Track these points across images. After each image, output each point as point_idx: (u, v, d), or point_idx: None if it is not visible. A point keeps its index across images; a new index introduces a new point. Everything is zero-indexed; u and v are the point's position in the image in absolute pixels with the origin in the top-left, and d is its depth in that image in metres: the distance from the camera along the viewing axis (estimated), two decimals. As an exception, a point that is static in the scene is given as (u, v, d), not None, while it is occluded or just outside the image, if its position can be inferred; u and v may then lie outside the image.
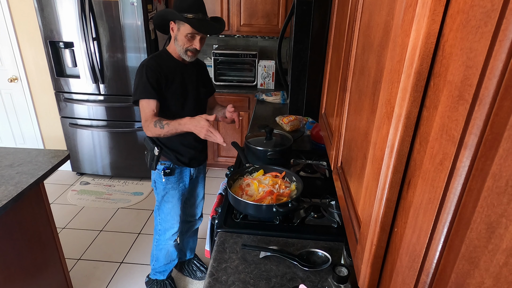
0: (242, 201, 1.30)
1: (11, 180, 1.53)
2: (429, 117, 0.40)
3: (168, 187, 1.83)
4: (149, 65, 1.62)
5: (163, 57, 1.69)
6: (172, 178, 1.81)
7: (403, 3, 0.44)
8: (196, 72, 1.81)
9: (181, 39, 1.60)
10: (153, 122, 1.57)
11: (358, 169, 0.68)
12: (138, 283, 2.25)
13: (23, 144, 3.61)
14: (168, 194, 1.85)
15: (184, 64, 1.73)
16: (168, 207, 1.89)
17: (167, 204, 1.88)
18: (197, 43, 1.62)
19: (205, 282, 1.09)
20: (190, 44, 1.62)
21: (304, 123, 2.39)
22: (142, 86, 1.59)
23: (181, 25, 1.57)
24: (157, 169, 1.79)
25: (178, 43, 1.62)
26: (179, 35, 1.60)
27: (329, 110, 1.12)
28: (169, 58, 1.70)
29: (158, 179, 1.83)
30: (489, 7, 0.30)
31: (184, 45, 1.61)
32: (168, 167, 1.78)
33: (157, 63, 1.64)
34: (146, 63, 1.63)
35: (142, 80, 1.60)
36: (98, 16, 2.84)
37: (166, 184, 1.82)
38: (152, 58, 1.67)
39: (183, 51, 1.64)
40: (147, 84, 1.59)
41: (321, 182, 1.69)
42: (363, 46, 0.70)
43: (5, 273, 1.52)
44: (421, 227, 0.40)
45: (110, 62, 2.99)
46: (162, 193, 1.85)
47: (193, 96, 1.77)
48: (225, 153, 3.47)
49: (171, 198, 1.87)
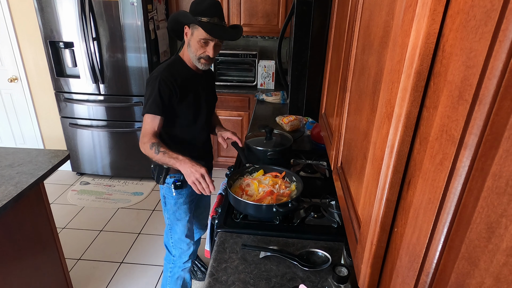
0: (242, 201, 1.31)
1: (11, 180, 1.53)
2: (429, 117, 0.40)
3: (179, 202, 1.68)
4: (164, 77, 1.49)
5: (177, 66, 1.57)
6: (183, 192, 1.67)
7: (403, 3, 0.44)
8: (208, 82, 1.72)
9: (194, 44, 1.49)
10: (149, 143, 1.46)
11: (358, 169, 0.68)
12: (138, 283, 2.25)
13: (23, 144, 3.61)
14: (180, 210, 1.70)
15: (198, 73, 1.62)
16: (181, 225, 1.73)
17: (180, 222, 1.72)
18: (211, 49, 1.49)
19: (205, 282, 1.09)
20: (203, 51, 1.50)
21: (304, 123, 2.39)
22: (152, 100, 1.48)
23: (195, 29, 1.46)
24: (166, 183, 1.64)
25: (191, 49, 1.51)
26: (192, 40, 1.49)
27: (329, 110, 1.12)
28: (183, 67, 1.58)
29: (168, 193, 1.68)
30: (489, 7, 0.30)
31: (197, 52, 1.50)
32: (179, 179, 1.64)
33: (171, 74, 1.51)
34: (160, 74, 1.49)
35: (153, 93, 1.48)
36: (98, 16, 2.84)
37: (178, 198, 1.67)
38: (167, 68, 1.53)
39: (196, 58, 1.53)
40: (157, 98, 1.47)
41: (321, 182, 1.69)
42: (363, 46, 0.70)
43: (5, 273, 1.52)
44: (421, 227, 0.40)
45: (110, 62, 2.99)
46: (173, 209, 1.70)
47: (205, 109, 1.68)
48: (225, 153, 3.47)
49: (184, 215, 1.72)
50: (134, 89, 3.05)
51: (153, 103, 1.47)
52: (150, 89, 1.50)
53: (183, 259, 1.79)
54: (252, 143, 1.74)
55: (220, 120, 1.98)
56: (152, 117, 1.49)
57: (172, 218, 1.72)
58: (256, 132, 1.90)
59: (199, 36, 1.46)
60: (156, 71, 1.52)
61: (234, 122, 3.32)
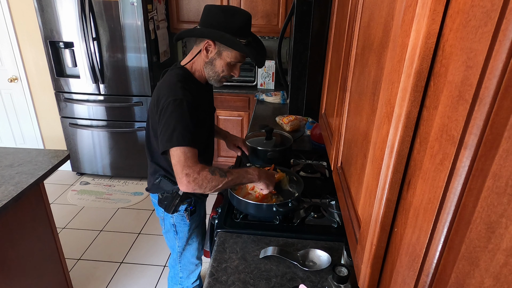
0: (243, 200, 1.30)
1: (11, 180, 1.53)
2: (429, 117, 0.40)
3: (193, 227, 1.53)
4: (189, 99, 1.22)
5: (190, 82, 1.33)
6: (195, 216, 1.52)
7: (403, 3, 0.44)
8: (210, 93, 1.57)
9: (220, 65, 1.30)
10: (206, 170, 1.19)
11: (358, 169, 0.68)
12: (138, 283, 2.25)
13: (23, 144, 3.61)
14: (194, 234, 1.56)
15: (207, 87, 1.45)
16: (192, 249, 1.59)
17: (192, 246, 1.58)
18: (237, 71, 1.35)
19: (205, 282, 1.09)
20: (229, 72, 1.33)
21: (304, 123, 2.39)
22: (184, 130, 1.19)
23: (225, 49, 1.27)
24: (179, 210, 1.45)
25: (214, 69, 1.31)
26: (219, 60, 1.29)
27: (329, 110, 1.12)
28: (195, 83, 1.36)
29: (180, 221, 1.48)
30: (489, 7, 0.30)
31: (222, 72, 1.32)
32: (191, 204, 1.47)
33: (192, 95, 1.26)
34: (182, 97, 1.21)
35: (183, 121, 1.19)
36: (98, 16, 2.84)
37: (191, 223, 1.51)
38: (183, 87, 1.25)
39: (217, 78, 1.34)
40: (189, 126, 1.20)
41: (321, 182, 1.69)
42: (363, 46, 0.70)
43: (5, 273, 1.52)
44: (421, 227, 0.40)
45: (110, 62, 2.99)
46: (187, 236, 1.52)
47: (211, 121, 1.54)
48: (225, 153, 3.47)
49: (196, 238, 1.58)
50: (134, 89, 3.05)
51: (187, 132, 1.19)
52: (176, 116, 1.20)
53: (191, 279, 1.66)
54: (252, 143, 1.74)
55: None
56: (190, 149, 1.19)
57: (183, 245, 1.56)
58: (256, 132, 1.90)
59: (232, 58, 1.28)
60: (171, 92, 1.23)
61: (234, 122, 3.32)
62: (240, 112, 3.29)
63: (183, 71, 1.33)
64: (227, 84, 3.31)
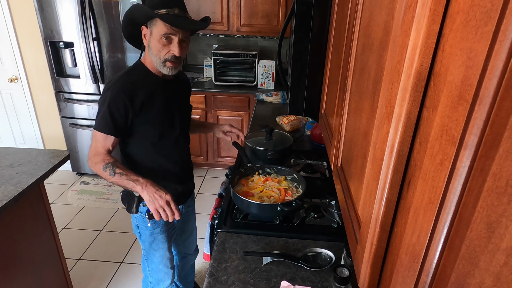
0: (246, 200, 1.30)
1: (11, 180, 1.53)
2: (429, 117, 0.40)
3: (156, 232, 1.49)
4: (118, 89, 1.25)
5: (138, 73, 1.32)
6: (159, 221, 1.46)
7: (403, 3, 0.44)
8: (181, 88, 1.48)
9: (155, 45, 1.25)
10: (103, 164, 1.25)
11: (358, 169, 0.68)
12: (138, 283, 2.25)
13: (23, 144, 3.61)
14: (157, 240, 1.51)
15: (166, 79, 1.37)
16: (158, 255, 1.55)
17: (157, 252, 1.54)
18: (175, 47, 1.25)
19: (205, 282, 1.09)
20: (167, 51, 1.25)
21: (304, 123, 2.39)
22: (102, 116, 1.25)
23: (153, 26, 1.23)
24: (140, 211, 1.42)
25: (153, 52, 1.27)
26: (152, 40, 1.25)
27: (329, 110, 1.12)
28: (146, 75, 1.33)
29: (141, 223, 1.47)
30: (489, 7, 0.30)
31: (160, 53, 1.26)
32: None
33: (129, 84, 1.27)
34: (113, 85, 1.26)
35: (103, 108, 1.25)
36: (98, 16, 2.84)
37: (153, 228, 1.48)
38: (124, 76, 1.29)
39: (161, 62, 1.27)
40: (107, 115, 1.24)
41: (321, 182, 1.69)
42: (363, 46, 0.70)
43: (5, 273, 1.52)
44: (421, 227, 0.40)
45: (110, 62, 2.99)
46: (149, 240, 1.50)
47: (178, 122, 1.45)
48: (225, 153, 3.47)
49: (162, 244, 1.53)
50: (134, 89, 3.05)
51: (102, 119, 1.25)
52: (101, 102, 1.27)
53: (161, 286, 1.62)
54: (252, 143, 1.74)
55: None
56: (104, 136, 1.27)
57: (148, 248, 1.53)
58: (256, 132, 1.90)
59: (159, 32, 1.22)
60: (111, 80, 1.29)
61: (234, 122, 3.32)
62: (240, 112, 3.29)
63: (136, 65, 1.37)
64: (227, 84, 3.32)
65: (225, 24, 3.23)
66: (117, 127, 1.28)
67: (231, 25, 3.24)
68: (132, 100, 1.26)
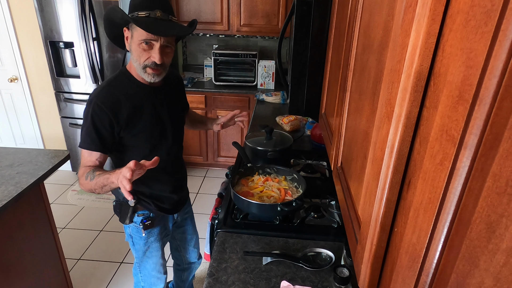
0: (246, 200, 1.30)
1: (11, 180, 1.53)
2: (429, 117, 0.40)
3: (150, 241, 1.44)
4: (99, 102, 1.16)
5: (122, 83, 1.24)
6: (154, 230, 1.44)
7: (403, 3, 0.44)
8: (172, 91, 1.38)
9: (135, 49, 1.16)
10: (84, 176, 1.17)
11: (358, 169, 0.68)
12: (138, 283, 2.25)
13: (23, 144, 3.61)
14: (151, 248, 1.47)
15: (153, 87, 1.28)
16: (152, 262, 1.51)
17: (150, 259, 1.50)
18: (156, 53, 1.15)
19: (205, 282, 1.09)
20: (147, 57, 1.16)
21: (304, 123, 2.39)
22: (86, 132, 1.18)
23: (134, 30, 1.15)
24: (134, 222, 1.38)
25: (133, 57, 1.18)
26: (133, 44, 1.16)
27: (329, 110, 1.12)
28: (131, 83, 1.25)
29: (135, 233, 1.42)
30: (489, 7, 0.30)
31: (140, 59, 1.17)
32: (147, 217, 1.38)
33: (113, 96, 1.19)
34: (94, 98, 1.17)
35: (87, 122, 1.18)
36: (98, 16, 2.84)
37: (148, 237, 1.43)
38: (105, 88, 1.21)
39: (141, 68, 1.19)
40: (91, 130, 1.17)
41: (321, 182, 1.69)
42: (363, 46, 0.70)
43: (5, 273, 1.52)
44: (421, 227, 0.40)
45: (110, 62, 2.99)
46: (143, 249, 1.46)
47: (170, 128, 1.36)
48: (225, 153, 3.47)
49: (155, 252, 1.49)
50: (134, 89, 3.05)
51: (87, 136, 1.18)
52: (84, 116, 1.20)
53: None
54: (252, 143, 1.74)
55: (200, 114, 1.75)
56: (89, 152, 1.20)
57: (141, 256, 1.49)
58: (256, 132, 1.90)
59: (139, 36, 1.13)
60: (93, 92, 1.21)
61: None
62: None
63: (120, 72, 1.28)
64: (227, 84, 3.32)
65: (225, 24, 3.24)
66: (103, 143, 1.20)
67: (231, 25, 3.24)
68: (116, 114, 1.18)
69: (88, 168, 1.19)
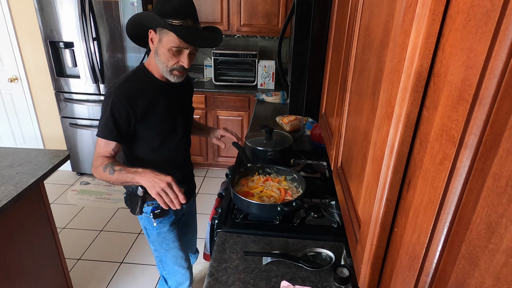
0: (246, 200, 1.30)
1: (11, 180, 1.53)
2: (429, 117, 0.40)
3: (163, 231, 1.48)
4: (119, 95, 1.23)
5: (140, 79, 1.31)
6: (165, 220, 1.47)
7: (403, 3, 0.44)
8: (183, 91, 1.46)
9: (164, 53, 1.23)
10: (102, 166, 1.24)
11: (358, 169, 0.68)
12: (138, 283, 2.25)
13: (23, 144, 3.61)
14: (167, 240, 1.50)
15: (168, 84, 1.35)
16: (171, 255, 1.54)
17: (169, 252, 1.53)
18: (185, 59, 1.23)
19: (205, 282, 1.09)
20: (176, 61, 1.24)
21: (304, 123, 2.39)
22: (104, 123, 1.25)
23: (164, 34, 1.20)
24: (144, 212, 1.42)
25: (160, 59, 1.25)
26: (161, 48, 1.22)
27: (329, 110, 1.12)
28: (149, 80, 1.32)
29: (148, 224, 1.47)
30: (489, 7, 0.30)
31: (168, 62, 1.24)
32: (157, 207, 1.41)
33: (130, 90, 1.26)
34: (114, 91, 1.24)
35: (106, 114, 1.24)
36: (98, 16, 2.84)
37: (160, 228, 1.47)
38: (125, 82, 1.27)
39: (168, 70, 1.26)
40: (110, 122, 1.24)
41: (321, 182, 1.69)
42: (363, 46, 0.70)
43: (5, 273, 1.52)
44: (421, 227, 0.40)
45: (110, 62, 2.99)
46: (158, 240, 1.50)
47: (181, 125, 1.44)
48: (225, 153, 3.47)
49: (172, 244, 1.52)
50: (134, 89, 3.05)
51: (105, 126, 1.25)
52: (103, 108, 1.26)
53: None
54: (252, 143, 1.74)
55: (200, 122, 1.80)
56: (106, 142, 1.27)
57: (160, 249, 1.52)
58: (256, 132, 1.90)
59: (170, 43, 1.20)
60: (112, 85, 1.28)
61: (234, 122, 3.32)
62: (240, 112, 3.29)
63: (138, 68, 1.35)
64: (227, 84, 3.32)
65: (225, 24, 3.23)
66: (120, 133, 1.27)
67: (231, 25, 3.24)
68: (133, 107, 1.25)
69: (106, 160, 1.26)
